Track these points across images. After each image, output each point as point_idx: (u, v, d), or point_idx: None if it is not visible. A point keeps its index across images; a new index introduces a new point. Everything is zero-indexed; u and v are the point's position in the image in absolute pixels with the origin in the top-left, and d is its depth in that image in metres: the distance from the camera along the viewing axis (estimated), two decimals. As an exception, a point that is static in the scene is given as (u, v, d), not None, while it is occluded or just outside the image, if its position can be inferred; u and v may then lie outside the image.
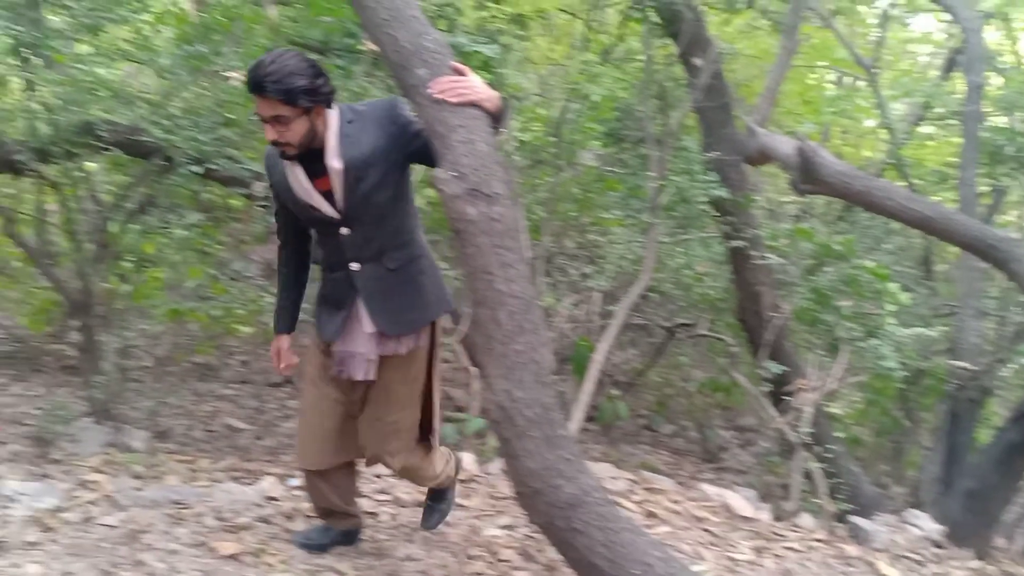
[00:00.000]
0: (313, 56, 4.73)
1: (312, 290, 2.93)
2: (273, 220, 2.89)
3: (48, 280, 4.80)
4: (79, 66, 3.81)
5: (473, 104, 2.54)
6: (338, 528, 3.16)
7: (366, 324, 2.72)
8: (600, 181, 5.77)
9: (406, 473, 3.01)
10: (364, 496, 3.63)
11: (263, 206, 4.37)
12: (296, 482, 3.76)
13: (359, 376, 2.75)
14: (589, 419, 5.91)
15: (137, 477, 3.66)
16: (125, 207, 4.54)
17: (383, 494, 3.88)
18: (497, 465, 4.29)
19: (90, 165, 4.63)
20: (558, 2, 6.01)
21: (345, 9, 3.77)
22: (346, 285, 2.72)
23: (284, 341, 2.96)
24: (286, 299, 2.92)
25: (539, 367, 2.65)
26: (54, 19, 4.00)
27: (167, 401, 5.26)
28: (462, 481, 4.04)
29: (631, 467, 5.32)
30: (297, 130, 2.46)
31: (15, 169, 4.25)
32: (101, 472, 3.61)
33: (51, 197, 4.73)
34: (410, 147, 2.62)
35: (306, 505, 3.37)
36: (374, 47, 4.41)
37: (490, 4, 5.03)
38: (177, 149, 3.88)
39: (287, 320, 2.94)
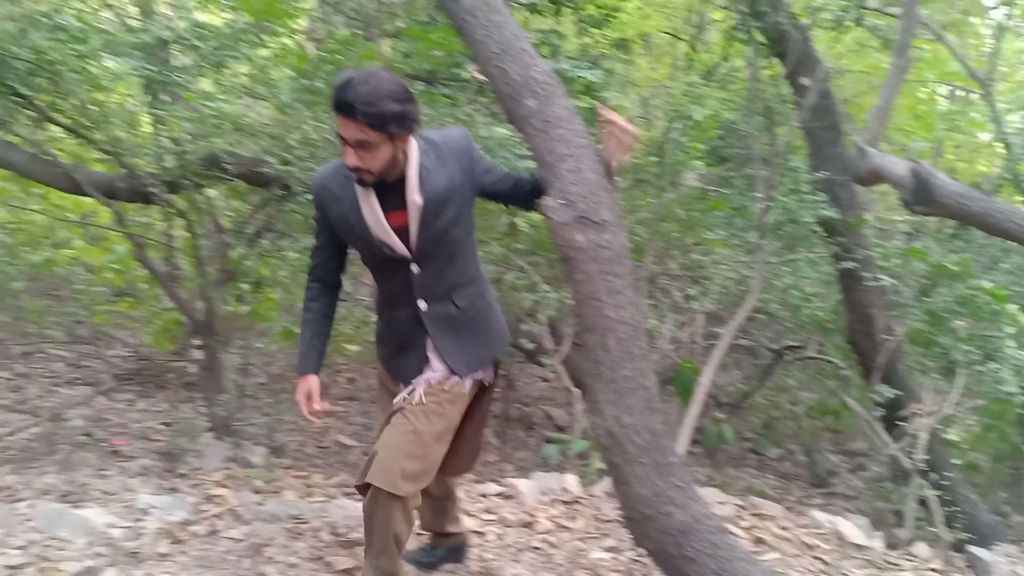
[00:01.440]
0: (420, 85, 4.95)
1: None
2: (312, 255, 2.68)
3: (173, 301, 5.07)
4: (206, 103, 4.04)
5: (618, 158, 2.62)
6: (445, 545, 3.19)
7: (435, 363, 2.57)
8: (704, 201, 5.72)
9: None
10: (471, 515, 3.69)
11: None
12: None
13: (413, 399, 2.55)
14: (693, 442, 5.85)
15: (257, 492, 3.82)
16: (245, 233, 4.77)
17: (489, 514, 3.92)
18: (601, 487, 4.29)
19: (211, 192, 4.89)
20: (661, 24, 6.01)
21: (455, 42, 3.88)
22: (413, 324, 2.56)
23: (314, 382, 2.64)
24: (316, 337, 2.65)
25: (648, 393, 2.66)
26: (182, 58, 4.25)
27: (282, 418, 5.47)
28: (566, 503, 4.07)
29: (737, 491, 5.23)
30: (381, 157, 2.29)
31: (146, 198, 4.53)
32: (224, 486, 3.79)
33: (178, 224, 5.01)
34: (482, 182, 2.55)
35: (416, 523, 3.45)
36: (478, 75, 4.54)
37: (593, 30, 5.08)
38: (295, 179, 4.06)
39: (313, 360, 2.65)
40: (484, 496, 4.03)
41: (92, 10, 4.12)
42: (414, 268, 2.49)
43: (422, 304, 2.54)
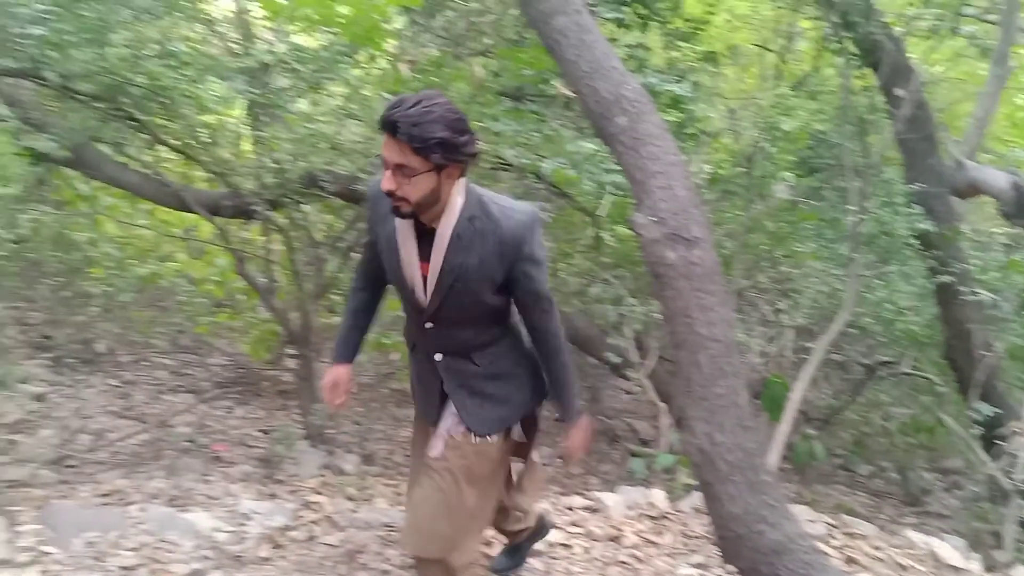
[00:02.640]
0: (508, 102, 5.03)
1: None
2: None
3: (270, 312, 5.26)
4: (307, 125, 4.20)
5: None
6: (519, 541, 3.17)
7: (452, 417, 2.41)
8: (793, 213, 5.64)
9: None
10: (557, 528, 3.72)
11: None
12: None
13: (434, 453, 2.42)
14: (783, 458, 5.75)
15: (351, 499, 3.94)
16: (339, 247, 4.93)
17: (576, 527, 3.94)
18: (688, 502, 4.26)
19: (307, 208, 5.06)
20: (750, 37, 5.96)
21: (545, 61, 3.95)
22: (430, 372, 2.42)
23: (343, 371, 2.58)
24: (351, 327, 2.58)
25: (741, 411, 2.65)
26: (281, 80, 4.42)
27: (372, 427, 5.61)
28: (652, 517, 4.06)
29: (827, 509, 5.12)
30: (421, 187, 2.05)
31: (248, 215, 4.73)
32: (320, 494, 3.92)
33: (276, 239, 5.20)
34: (515, 281, 2.25)
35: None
36: (565, 91, 4.59)
37: (681, 43, 5.08)
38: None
39: (348, 349, 2.59)
40: (570, 509, 4.05)
41: (200, 37, 4.34)
42: (427, 324, 2.31)
43: (437, 356, 2.38)
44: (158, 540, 3.14)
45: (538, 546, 3.52)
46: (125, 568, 2.91)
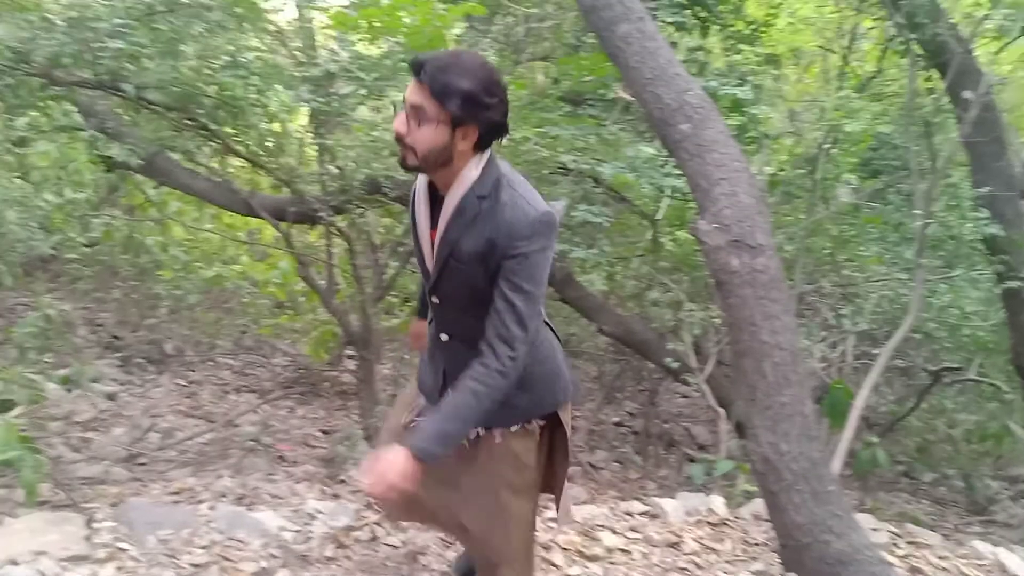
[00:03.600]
0: (568, 106, 5.05)
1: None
2: None
3: (331, 314, 5.36)
4: (373, 133, 4.28)
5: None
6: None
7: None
8: (856, 216, 5.56)
9: None
10: (616, 533, 3.73)
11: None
12: (551, 514, 3.92)
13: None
14: (844, 464, 5.67)
15: (411, 501, 3.98)
16: (399, 252, 5.01)
17: (634, 532, 3.94)
18: (748, 509, 4.23)
19: (366, 213, 5.15)
20: (812, 39, 5.89)
21: (607, 67, 3.96)
22: (438, 350, 2.27)
23: (421, 325, 2.49)
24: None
25: (806, 420, 2.64)
26: (345, 88, 4.50)
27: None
28: (712, 524, 4.04)
29: (889, 517, 5.04)
30: (430, 138, 1.91)
31: (312, 220, 4.83)
32: (382, 495, 3.97)
33: (337, 243, 5.30)
34: (501, 263, 1.99)
35: (562, 537, 3.53)
36: (624, 94, 4.59)
37: (743, 47, 5.04)
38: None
39: (424, 307, 2.47)
40: (629, 514, 4.05)
41: (266, 47, 4.45)
42: (434, 298, 2.17)
43: (443, 335, 2.22)
44: (227, 538, 3.21)
45: (597, 551, 3.53)
46: (196, 566, 2.99)
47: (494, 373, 1.98)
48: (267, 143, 4.54)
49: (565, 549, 3.49)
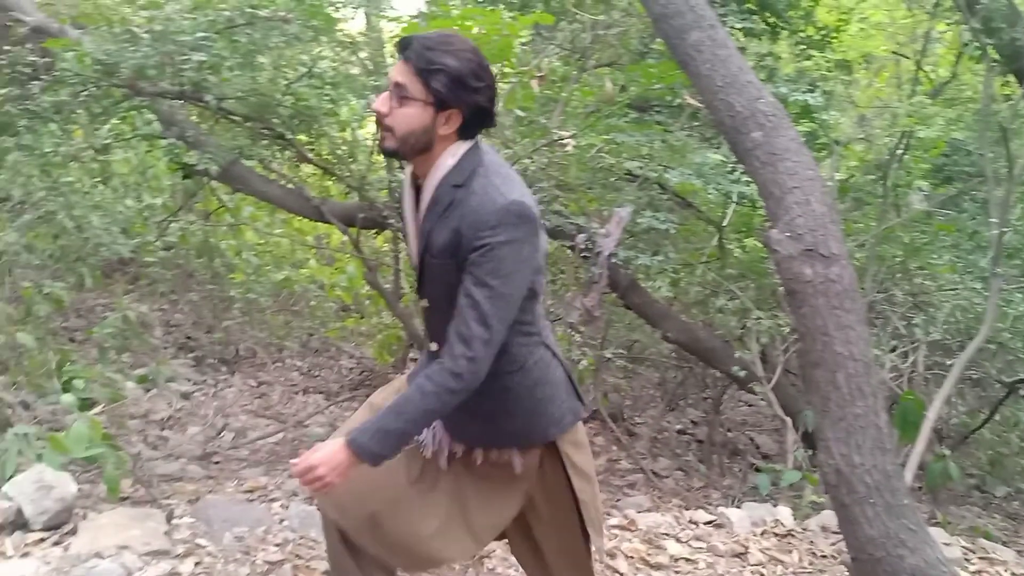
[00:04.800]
0: (634, 113, 5.05)
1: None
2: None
3: (397, 318, 5.44)
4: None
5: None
6: None
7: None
8: (929, 224, 5.44)
9: None
10: (680, 542, 3.71)
11: (585, 256, 4.65)
12: (615, 521, 3.92)
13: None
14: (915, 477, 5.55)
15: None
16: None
17: (699, 541, 3.92)
18: (816, 521, 4.17)
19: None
20: (884, 44, 5.79)
21: (676, 74, 3.96)
22: (429, 360, 2.03)
23: None
24: None
25: (880, 432, 2.60)
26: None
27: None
28: (778, 535, 3.99)
29: (962, 532, 4.91)
30: (411, 119, 1.80)
31: (380, 226, 4.92)
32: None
33: (404, 248, 5.39)
34: (467, 257, 1.81)
35: (626, 545, 3.52)
36: (692, 101, 4.57)
37: (813, 52, 4.98)
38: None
39: None
40: (694, 523, 4.02)
41: (339, 57, 4.55)
42: (423, 301, 2.01)
43: (434, 345, 2.02)
44: (300, 537, 3.29)
45: (661, 559, 3.52)
46: (271, 563, 3.07)
47: (444, 372, 1.79)
48: (339, 151, 4.64)
49: (629, 557, 3.49)
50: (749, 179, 3.97)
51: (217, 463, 4.65)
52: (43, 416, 4.08)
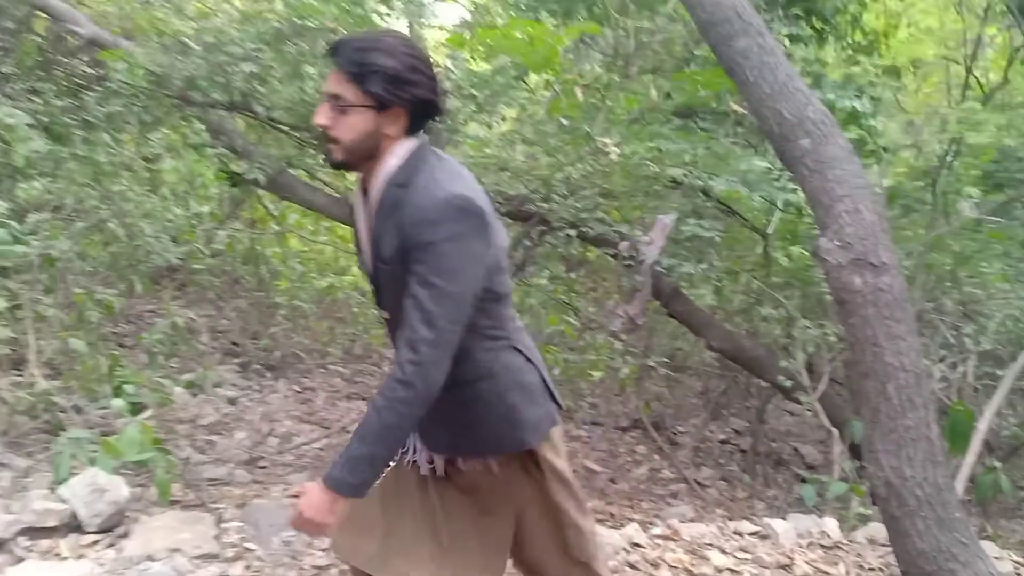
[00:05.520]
0: (678, 120, 5.03)
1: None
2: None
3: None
4: (486, 150, 4.37)
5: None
6: None
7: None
8: (980, 231, 5.33)
9: None
10: (725, 553, 3.67)
11: (628, 265, 4.64)
12: (658, 530, 3.89)
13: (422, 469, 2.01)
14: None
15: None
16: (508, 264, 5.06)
17: (744, 552, 3.88)
18: (863, 533, 4.11)
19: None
20: (934, 49, 5.70)
21: (723, 81, 3.93)
22: None
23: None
24: None
25: (931, 444, 2.56)
26: (456, 103, 4.60)
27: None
28: (825, 547, 3.94)
29: (1012, 545, 4.80)
30: (355, 127, 1.74)
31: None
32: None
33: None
34: (411, 255, 1.72)
35: (670, 555, 3.50)
36: (738, 107, 4.54)
37: (861, 57, 4.92)
38: (555, 215, 4.27)
39: None
40: (738, 534, 3.98)
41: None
42: (384, 314, 1.90)
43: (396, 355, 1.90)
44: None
45: (705, 570, 3.49)
46: (318, 568, 3.10)
47: (393, 383, 1.69)
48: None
49: (673, 567, 3.46)
50: (795, 186, 3.94)
51: (263, 468, 4.70)
52: (94, 420, 4.16)
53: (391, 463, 1.87)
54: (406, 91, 1.71)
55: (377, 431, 1.71)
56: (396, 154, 1.77)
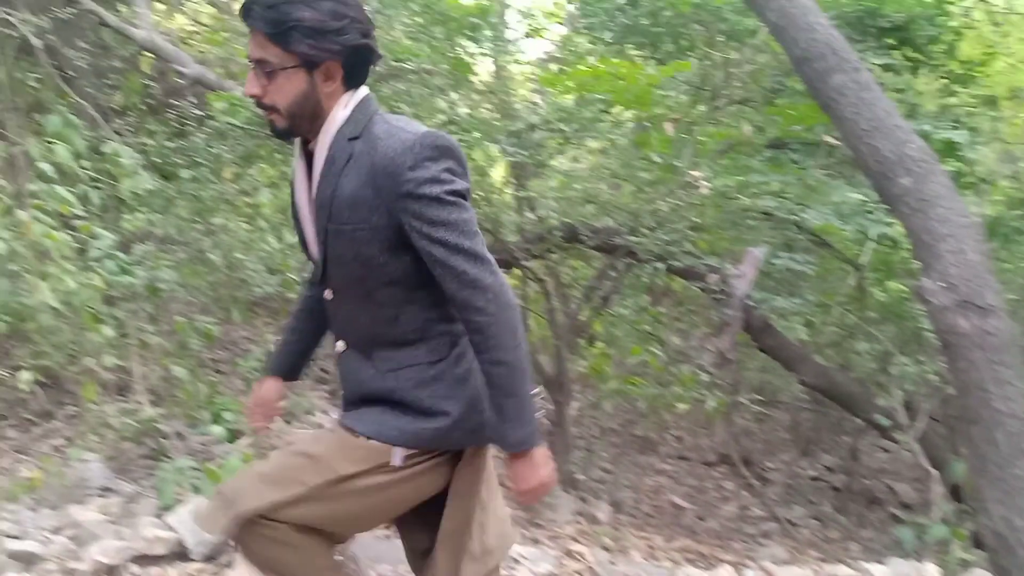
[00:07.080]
0: (768, 152, 4.96)
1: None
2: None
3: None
4: (574, 186, 4.41)
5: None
6: None
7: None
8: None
9: None
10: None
11: (717, 298, 4.59)
12: (752, 574, 3.81)
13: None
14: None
15: (606, 549, 4.00)
16: (594, 297, 5.07)
17: None
18: (967, 580, 3.94)
19: (559, 258, 5.25)
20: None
21: (816, 116, 3.88)
22: (338, 365, 1.89)
23: (268, 385, 2.10)
24: (289, 335, 2.10)
25: (1045, 495, 2.46)
26: (542, 137, 4.65)
27: (613, 472, 5.66)
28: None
29: None
30: (288, 90, 1.63)
31: (508, 265, 5.00)
32: (578, 542, 4.01)
33: (532, 287, 5.45)
34: (399, 213, 1.63)
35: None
36: (830, 140, 4.46)
37: (957, 88, 4.79)
38: (643, 248, 4.26)
39: (279, 360, 2.11)
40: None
41: (473, 103, 4.69)
42: (326, 292, 1.79)
43: (340, 344, 1.85)
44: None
45: (801, 614, 3.41)
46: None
47: (488, 327, 1.62)
48: (475, 194, 4.76)
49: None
50: (891, 220, 3.84)
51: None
52: (194, 446, 4.29)
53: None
54: (333, 42, 1.60)
55: (508, 377, 1.64)
56: (344, 104, 1.67)
